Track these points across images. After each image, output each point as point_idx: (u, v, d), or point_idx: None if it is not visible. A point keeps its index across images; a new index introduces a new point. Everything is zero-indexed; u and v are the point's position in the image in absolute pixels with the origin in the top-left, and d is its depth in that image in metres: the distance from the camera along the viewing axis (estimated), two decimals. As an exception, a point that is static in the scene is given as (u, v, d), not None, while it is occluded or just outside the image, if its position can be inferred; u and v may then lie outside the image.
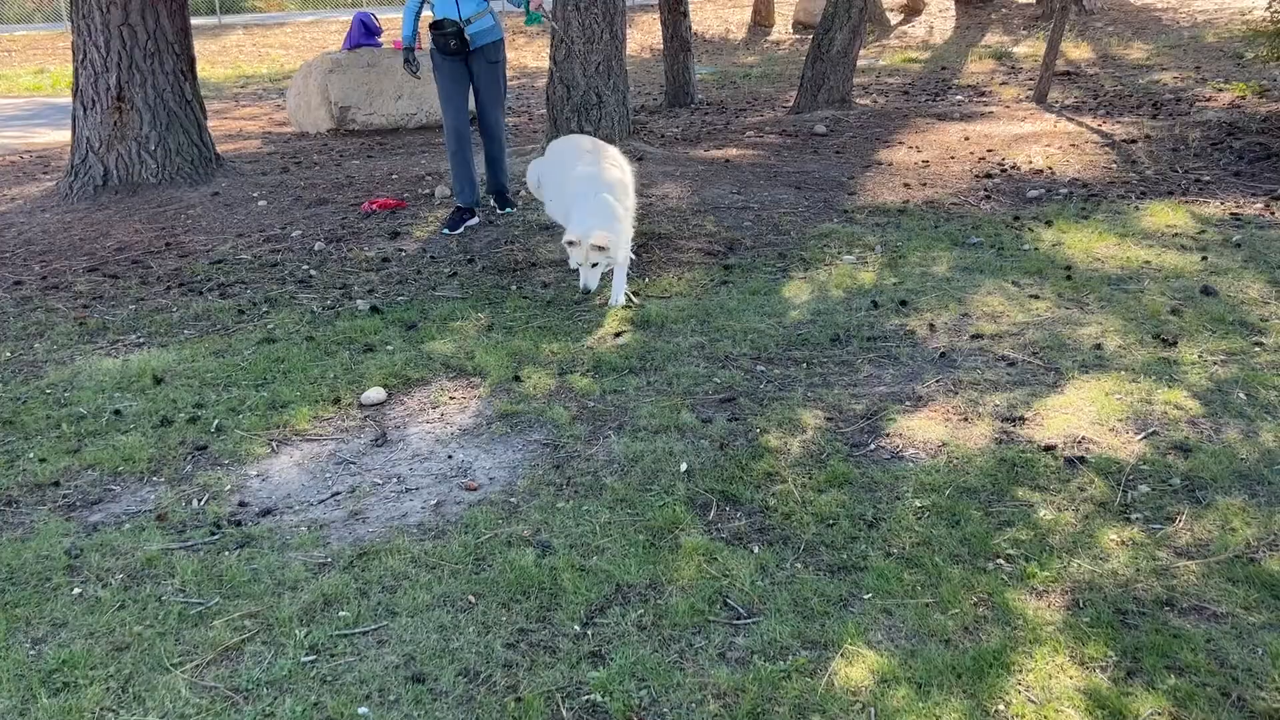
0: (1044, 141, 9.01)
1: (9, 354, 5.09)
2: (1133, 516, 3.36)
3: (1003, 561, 3.14)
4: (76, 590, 3.13)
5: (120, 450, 4.00)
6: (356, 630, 2.90)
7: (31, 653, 2.84)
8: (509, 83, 8.43)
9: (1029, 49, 15.41)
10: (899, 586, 3.03)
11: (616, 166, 5.78)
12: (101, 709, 2.62)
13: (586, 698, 2.62)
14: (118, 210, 7.65)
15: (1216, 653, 2.71)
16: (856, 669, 2.69)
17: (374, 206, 7.48)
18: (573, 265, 5.52)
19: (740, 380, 4.49)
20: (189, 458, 3.98)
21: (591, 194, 5.42)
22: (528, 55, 18.31)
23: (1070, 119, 9.97)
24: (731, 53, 18.25)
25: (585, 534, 3.34)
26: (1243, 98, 10.48)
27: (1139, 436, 3.87)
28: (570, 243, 5.24)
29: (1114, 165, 8.19)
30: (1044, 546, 3.20)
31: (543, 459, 3.86)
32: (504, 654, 2.79)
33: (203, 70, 8.73)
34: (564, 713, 2.57)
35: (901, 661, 2.71)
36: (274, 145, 10.64)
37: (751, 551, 3.23)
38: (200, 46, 11.45)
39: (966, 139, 9.34)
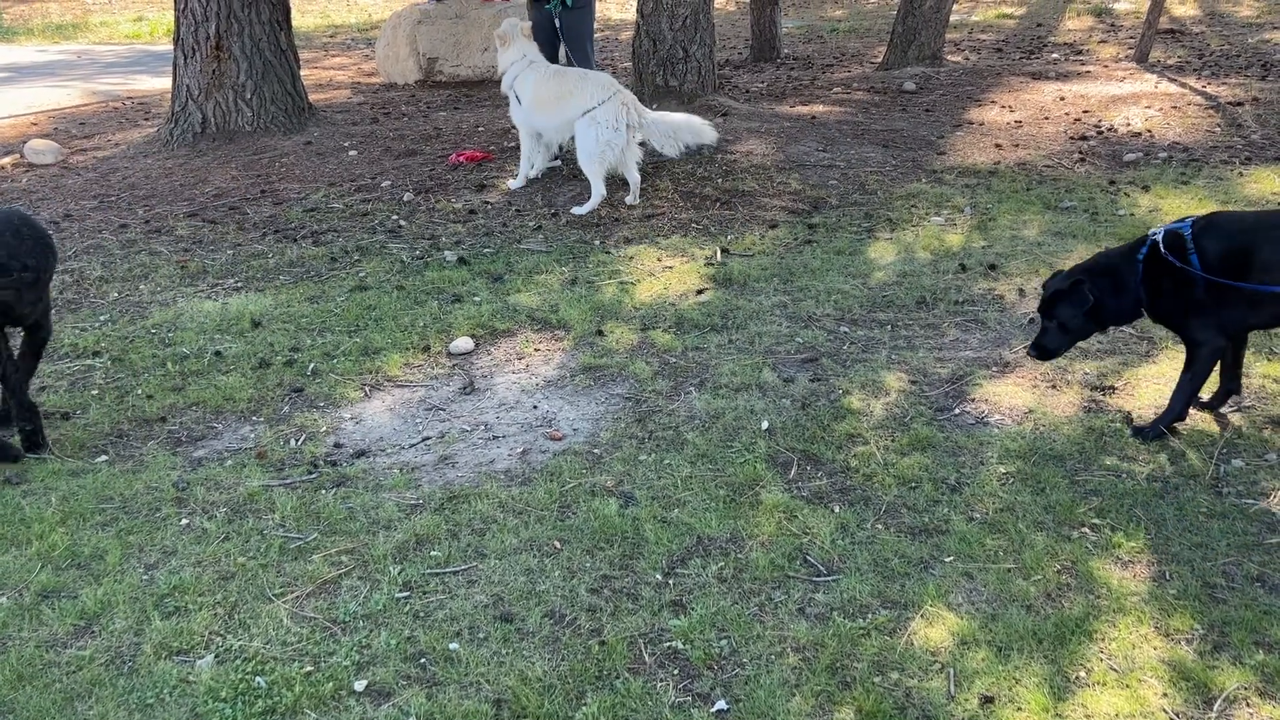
0: (1143, 103, 8.70)
1: (116, 294, 5.31)
2: (1224, 490, 3.30)
3: (1088, 530, 3.11)
4: (184, 521, 3.29)
5: (222, 390, 4.17)
6: (447, 570, 3.01)
7: (145, 577, 3.01)
8: (595, 35, 8.41)
9: (1130, 5, 14.83)
10: (981, 551, 3.03)
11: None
12: (210, 633, 2.77)
13: (668, 644, 2.69)
14: (215, 157, 7.87)
15: (1307, 631, 2.67)
16: (936, 629, 2.72)
17: (461, 159, 7.57)
18: None
19: (823, 340, 4.48)
20: (286, 399, 4.13)
21: None
22: (612, 7, 18.20)
23: (1172, 79, 9.60)
24: (819, 6, 17.89)
25: (667, 487, 3.40)
26: (1361, 59, 9.98)
27: (1234, 410, 3.78)
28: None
29: (1218, 129, 7.88)
30: (1131, 517, 3.16)
31: (625, 412, 3.92)
32: (588, 599, 2.87)
33: (293, 19, 8.86)
34: (646, 658, 2.65)
35: (982, 624, 2.73)
36: (363, 95, 10.79)
37: (832, 511, 3.26)
38: (292, -4, 11.59)
39: (1061, 99, 9.07)
